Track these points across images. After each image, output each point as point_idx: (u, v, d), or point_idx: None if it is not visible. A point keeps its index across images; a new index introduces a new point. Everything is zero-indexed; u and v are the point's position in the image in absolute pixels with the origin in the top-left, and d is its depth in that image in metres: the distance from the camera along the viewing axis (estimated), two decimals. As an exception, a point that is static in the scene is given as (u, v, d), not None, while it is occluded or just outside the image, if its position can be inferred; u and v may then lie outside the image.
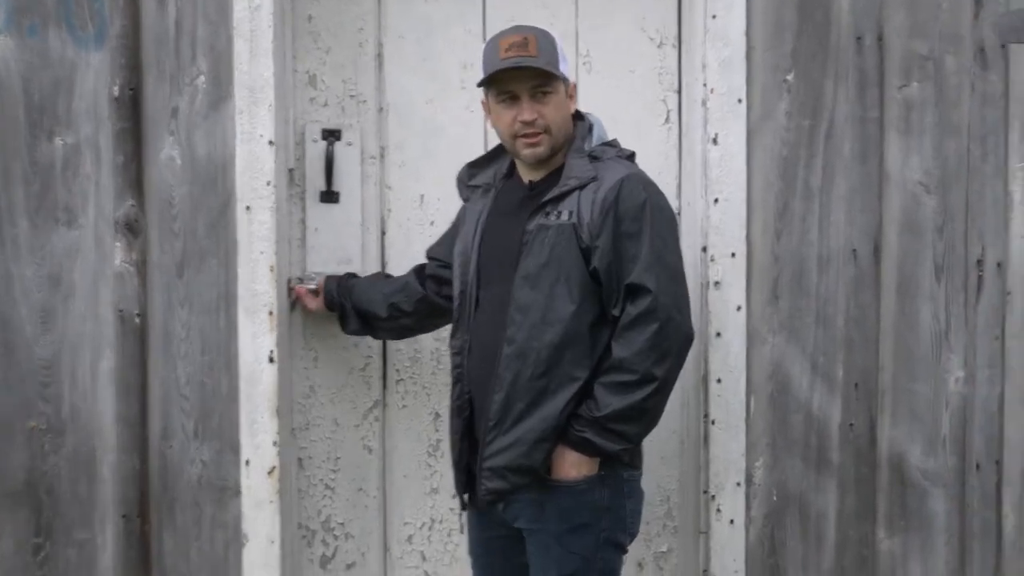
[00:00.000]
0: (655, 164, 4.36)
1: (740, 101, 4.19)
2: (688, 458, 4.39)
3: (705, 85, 4.19)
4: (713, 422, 4.25)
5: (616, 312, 3.61)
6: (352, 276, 4.26)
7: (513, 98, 3.72)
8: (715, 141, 4.19)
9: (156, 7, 4.08)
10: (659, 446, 4.42)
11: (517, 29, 3.77)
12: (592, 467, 3.62)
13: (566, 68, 3.76)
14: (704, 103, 4.20)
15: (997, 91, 4.24)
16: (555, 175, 3.75)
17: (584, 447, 3.59)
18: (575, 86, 3.83)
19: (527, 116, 3.70)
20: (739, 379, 4.24)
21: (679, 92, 4.39)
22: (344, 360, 4.40)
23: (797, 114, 4.23)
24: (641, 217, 3.61)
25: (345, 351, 4.39)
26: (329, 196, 4.34)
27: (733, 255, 4.21)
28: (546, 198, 3.69)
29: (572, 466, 3.62)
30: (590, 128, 3.79)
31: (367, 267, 4.36)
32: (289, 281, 4.31)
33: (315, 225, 4.35)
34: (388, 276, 4.27)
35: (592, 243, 3.61)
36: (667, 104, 4.41)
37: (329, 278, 4.25)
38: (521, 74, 3.69)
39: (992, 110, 4.24)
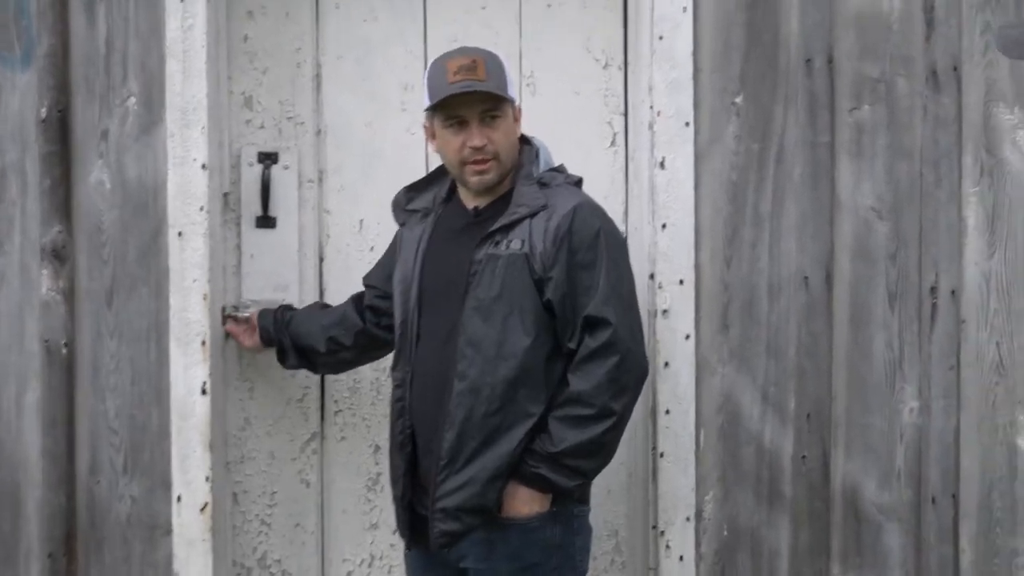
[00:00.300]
0: (601, 188, 4.24)
1: (688, 124, 4.07)
2: (636, 492, 4.26)
3: (652, 108, 4.08)
4: (662, 455, 4.12)
5: (572, 345, 3.48)
6: (288, 308, 4.10)
7: (461, 123, 3.59)
8: (662, 165, 4.07)
9: (86, 25, 3.95)
10: (606, 479, 4.28)
11: (464, 51, 3.64)
12: (544, 504, 3.49)
13: (513, 91, 3.64)
14: (651, 126, 4.08)
15: (950, 114, 4.15)
16: (501, 201, 3.62)
17: (538, 483, 3.46)
18: (520, 109, 3.71)
19: (477, 142, 3.56)
20: (688, 411, 4.12)
21: (625, 114, 4.28)
22: (281, 391, 4.26)
23: (746, 137, 4.12)
24: (596, 247, 3.49)
25: (282, 381, 4.24)
26: (265, 221, 4.20)
27: (681, 282, 4.09)
28: (495, 227, 3.55)
29: (524, 503, 3.48)
30: (537, 153, 3.67)
31: (305, 294, 4.23)
32: (223, 309, 4.16)
33: (251, 251, 4.20)
34: (325, 306, 4.13)
35: (545, 274, 3.48)
36: (613, 127, 4.29)
37: (263, 312, 4.09)
38: (470, 98, 3.56)
39: (945, 134, 4.15)
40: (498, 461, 3.48)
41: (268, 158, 4.18)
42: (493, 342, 3.48)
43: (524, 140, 3.71)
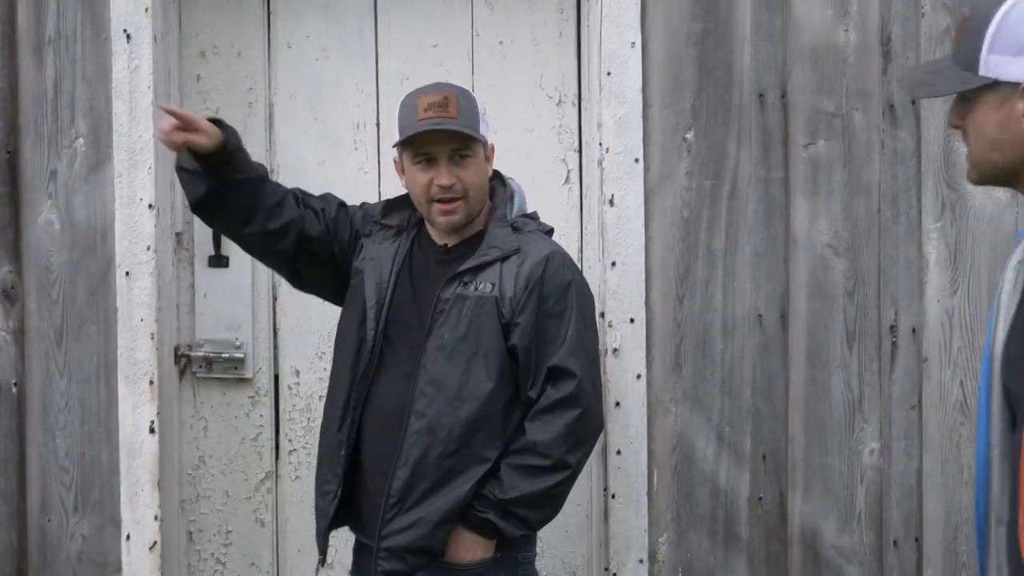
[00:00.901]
0: (556, 226, 4.16)
1: (637, 161, 4.03)
2: (594, 534, 4.21)
3: (601, 144, 4.04)
4: (613, 496, 4.07)
5: (532, 394, 3.43)
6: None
7: (430, 160, 3.49)
8: (611, 202, 4.03)
9: (34, 67, 3.98)
10: (564, 520, 4.24)
11: (437, 87, 3.58)
12: (488, 550, 3.43)
13: (485, 129, 3.57)
14: (600, 163, 4.05)
15: (908, 149, 4.07)
16: (471, 241, 3.55)
17: (483, 529, 3.41)
18: (493, 147, 3.60)
19: (444, 180, 3.47)
20: (640, 451, 4.07)
21: (579, 151, 4.24)
22: (235, 430, 4.26)
23: (698, 174, 4.07)
24: (566, 298, 3.45)
25: (236, 420, 4.25)
26: (218, 260, 4.22)
27: (632, 321, 4.05)
28: (465, 267, 3.49)
29: (468, 549, 3.43)
30: (512, 195, 3.62)
31: (258, 333, 4.23)
32: (177, 349, 4.17)
33: (204, 290, 4.22)
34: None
35: (513, 319, 3.43)
36: (567, 164, 4.26)
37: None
38: (440, 136, 3.48)
39: (903, 168, 4.07)
40: (449, 504, 3.42)
41: (221, 197, 4.18)
42: (455, 383, 3.43)
43: (500, 180, 3.66)
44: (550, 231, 3.62)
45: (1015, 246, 2.40)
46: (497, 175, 3.66)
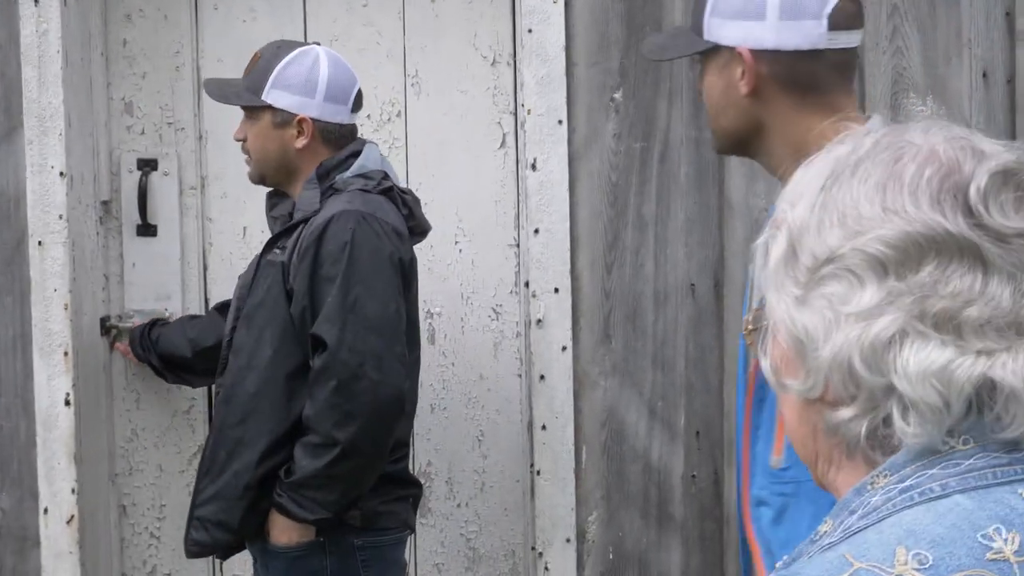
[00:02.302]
0: (491, 192, 4.05)
1: (561, 122, 3.84)
2: (524, 512, 4.05)
3: (523, 106, 3.86)
4: (539, 473, 3.90)
5: (312, 364, 3.29)
6: (160, 323, 4.00)
7: None
8: (533, 167, 3.85)
9: (-55, 34, 3.92)
10: (501, 496, 4.10)
11: (269, 44, 3.55)
12: (305, 533, 3.29)
13: (288, 97, 3.42)
14: (522, 125, 3.86)
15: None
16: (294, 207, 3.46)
17: (283, 511, 3.28)
18: (309, 121, 3.42)
19: (236, 134, 3.49)
20: (566, 426, 3.89)
21: (515, 114, 4.06)
22: (167, 402, 4.17)
23: (627, 136, 3.86)
24: (340, 260, 3.22)
25: (168, 393, 4.16)
26: (146, 229, 4.12)
27: (556, 291, 3.86)
28: (276, 232, 3.41)
29: (281, 531, 3.30)
30: (346, 158, 3.44)
31: (188, 303, 4.13)
32: (106, 320, 4.10)
33: (132, 260, 4.13)
34: (194, 317, 4.02)
35: (292, 285, 3.30)
36: (503, 127, 4.08)
37: (133, 331, 4.01)
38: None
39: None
40: (237, 479, 3.31)
41: (147, 165, 4.10)
42: (247, 351, 3.32)
43: (351, 142, 3.50)
44: (385, 189, 3.39)
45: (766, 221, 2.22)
46: (353, 138, 3.52)
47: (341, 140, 3.46)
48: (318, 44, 3.58)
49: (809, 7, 2.17)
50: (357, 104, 3.50)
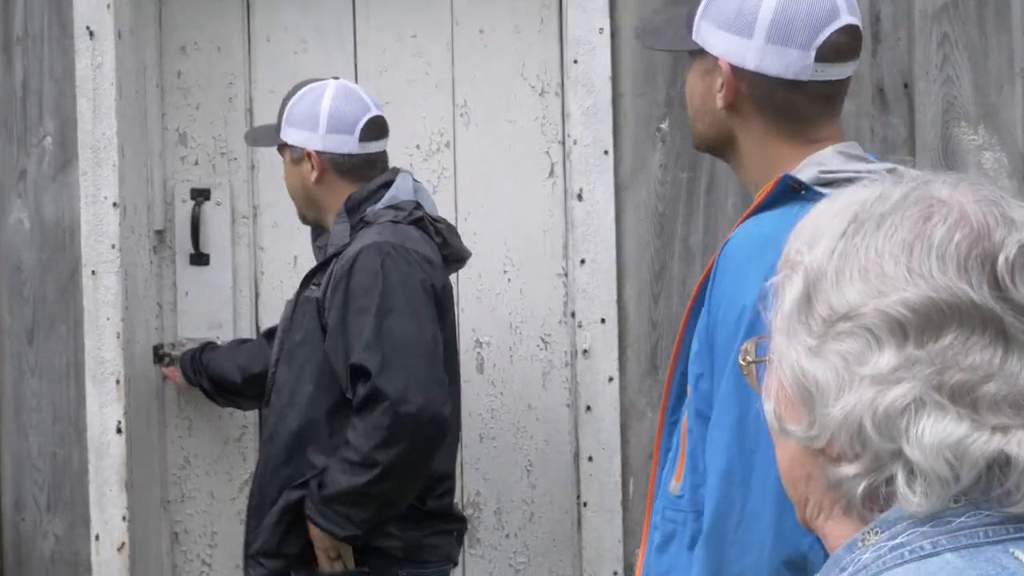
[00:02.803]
0: (539, 222, 4.05)
1: (607, 153, 3.83)
2: (571, 544, 4.03)
3: (569, 136, 3.86)
4: (585, 504, 3.89)
5: (349, 395, 3.28)
6: (209, 347, 4.05)
7: None
8: (580, 197, 3.84)
9: (3, 68, 3.99)
10: (550, 527, 4.09)
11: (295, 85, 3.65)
12: (347, 557, 3.31)
13: (296, 133, 3.52)
14: (568, 155, 3.86)
15: (900, 136, 3.78)
16: None
17: (312, 523, 3.30)
18: (314, 155, 3.48)
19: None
20: (613, 457, 3.87)
21: (563, 143, 4.06)
22: (219, 430, 4.20)
23: (673, 166, 3.85)
24: (372, 290, 3.24)
25: (220, 420, 4.19)
26: (198, 258, 4.16)
27: (603, 321, 3.86)
28: (313, 268, 3.44)
29: (321, 551, 3.32)
30: (377, 189, 3.47)
31: (240, 331, 4.17)
32: (159, 347, 4.14)
33: (186, 288, 4.17)
34: (244, 341, 4.05)
35: (326, 319, 3.32)
36: (551, 156, 4.08)
37: (184, 355, 4.06)
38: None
39: (895, 157, 3.77)
40: (284, 507, 3.36)
41: (200, 194, 4.15)
42: (289, 389, 3.35)
43: (378, 172, 3.54)
44: (415, 220, 3.41)
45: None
46: (389, 167, 3.57)
47: (359, 170, 3.49)
48: (337, 78, 3.61)
49: (798, 35, 2.09)
50: (370, 133, 3.50)
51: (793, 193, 2.02)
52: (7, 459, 4.03)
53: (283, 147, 3.54)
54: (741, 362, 1.38)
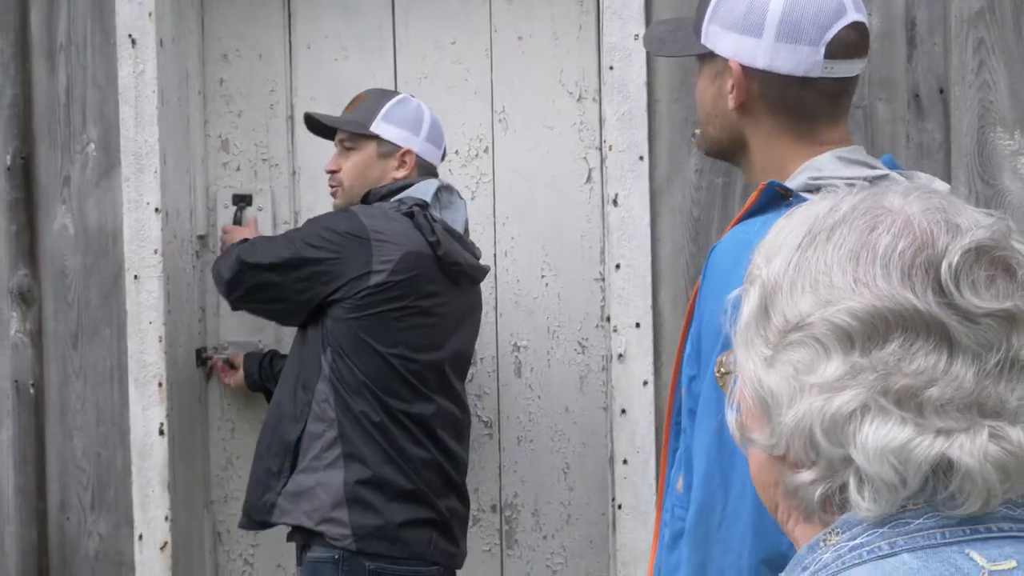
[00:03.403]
0: (576, 226, 4.09)
1: (642, 158, 3.86)
2: (607, 546, 4.06)
3: (605, 142, 3.89)
4: (620, 507, 3.91)
5: None
6: (275, 355, 4.12)
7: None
8: (615, 202, 3.87)
9: (47, 75, 4.05)
10: (587, 529, 4.12)
11: (372, 89, 3.91)
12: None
13: (396, 131, 3.74)
14: (603, 161, 3.89)
15: (935, 141, 3.79)
16: None
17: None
18: (413, 154, 3.75)
19: (328, 166, 3.82)
20: (648, 461, 3.89)
21: (600, 149, 4.09)
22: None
23: (709, 172, 3.86)
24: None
25: (261, 423, 4.23)
26: (241, 263, 4.22)
27: (638, 325, 3.88)
28: None
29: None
30: (397, 189, 3.71)
31: (281, 335, 4.22)
32: (202, 351, 4.20)
33: (228, 293, 4.22)
34: None
35: None
36: (588, 162, 4.11)
37: (250, 356, 4.13)
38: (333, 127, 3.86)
39: (931, 163, 3.78)
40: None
41: (242, 200, 4.20)
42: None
43: (430, 174, 3.81)
44: (409, 211, 3.64)
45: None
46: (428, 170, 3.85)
47: (423, 176, 3.78)
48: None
49: (807, 32, 2.11)
50: (444, 151, 3.87)
51: (781, 199, 2.04)
52: (53, 460, 4.10)
53: (361, 139, 3.83)
54: (716, 373, 1.41)
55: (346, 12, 4.20)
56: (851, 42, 2.14)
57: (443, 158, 3.88)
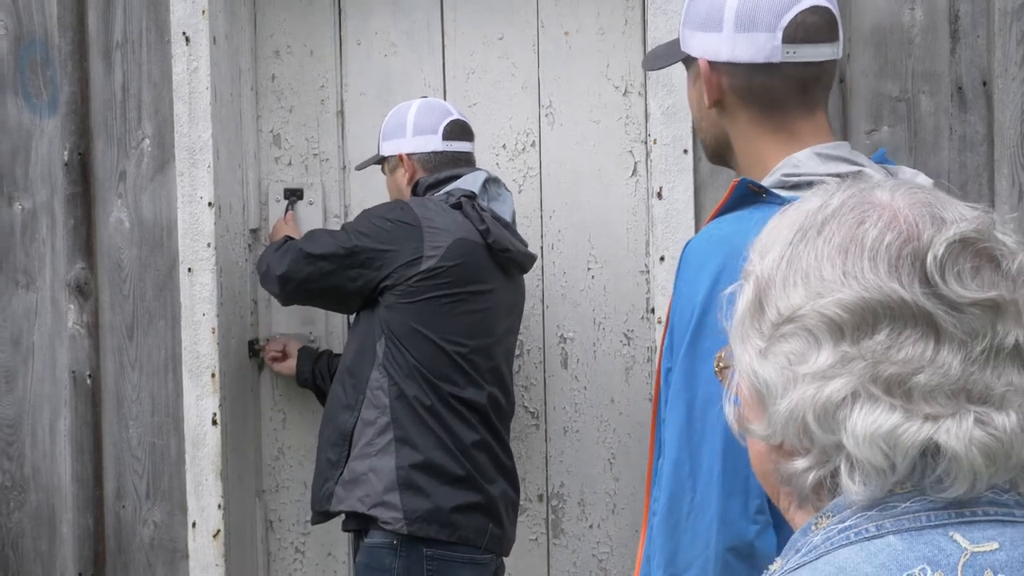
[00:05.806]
0: (622, 219, 4.13)
1: (686, 152, 3.90)
2: (653, 533, 4.11)
3: (649, 135, 3.93)
4: (664, 496, 3.95)
5: None
6: (329, 355, 4.19)
7: None
8: (660, 195, 3.91)
9: (103, 72, 4.14)
10: (632, 518, 4.17)
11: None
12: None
13: (389, 144, 3.96)
14: (648, 155, 3.93)
15: (979, 134, 3.80)
16: None
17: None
18: (405, 157, 3.92)
19: None
20: (692, 451, 3.93)
21: (645, 143, 4.13)
22: (312, 422, 4.32)
23: (752, 165, 3.89)
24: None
25: (313, 415, 4.31)
26: (292, 256, 4.29)
27: (682, 317, 3.91)
28: None
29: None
30: (445, 179, 3.84)
31: (331, 327, 4.29)
32: (254, 343, 4.28)
33: (279, 285, 4.30)
34: None
35: None
36: (634, 155, 4.16)
37: (304, 353, 4.20)
38: None
39: (973, 155, 3.80)
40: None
41: (294, 194, 4.27)
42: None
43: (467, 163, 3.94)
44: (456, 203, 3.75)
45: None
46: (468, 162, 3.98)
47: (442, 166, 3.85)
48: (425, 97, 4.02)
49: (763, 19, 2.11)
50: (452, 133, 3.86)
51: (754, 196, 2.06)
52: (109, 449, 4.19)
53: (382, 162, 4.01)
54: (716, 368, 1.46)
55: (395, 8, 4.27)
56: (810, 26, 2.13)
57: (454, 137, 3.92)
